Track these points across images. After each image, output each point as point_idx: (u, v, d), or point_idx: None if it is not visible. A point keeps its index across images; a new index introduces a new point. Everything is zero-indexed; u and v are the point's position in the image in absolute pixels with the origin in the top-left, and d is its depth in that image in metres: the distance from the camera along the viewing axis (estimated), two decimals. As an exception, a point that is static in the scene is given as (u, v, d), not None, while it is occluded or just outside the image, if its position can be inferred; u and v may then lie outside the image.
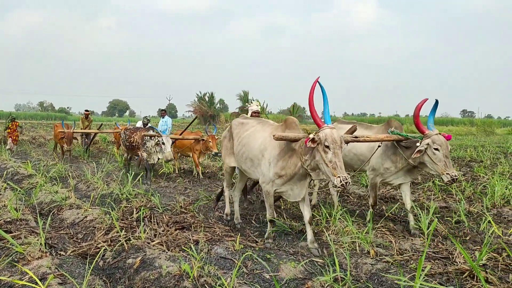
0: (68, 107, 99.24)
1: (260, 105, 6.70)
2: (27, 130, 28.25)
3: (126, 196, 6.88)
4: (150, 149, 9.02)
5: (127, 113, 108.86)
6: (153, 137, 8.96)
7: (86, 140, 14.61)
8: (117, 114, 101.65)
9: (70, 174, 8.62)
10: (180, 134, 9.83)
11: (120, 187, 7.41)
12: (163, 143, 8.71)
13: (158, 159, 9.14)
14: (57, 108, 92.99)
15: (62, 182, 8.32)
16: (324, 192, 7.94)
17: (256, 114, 6.85)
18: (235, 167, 5.59)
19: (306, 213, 4.69)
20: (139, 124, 11.87)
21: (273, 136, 4.26)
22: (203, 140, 9.50)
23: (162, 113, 13.32)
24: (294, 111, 49.38)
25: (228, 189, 5.96)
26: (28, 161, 10.49)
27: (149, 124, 11.70)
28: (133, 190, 7.22)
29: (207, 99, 55.01)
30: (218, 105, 57.57)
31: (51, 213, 5.97)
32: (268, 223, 4.83)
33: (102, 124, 16.72)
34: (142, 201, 6.40)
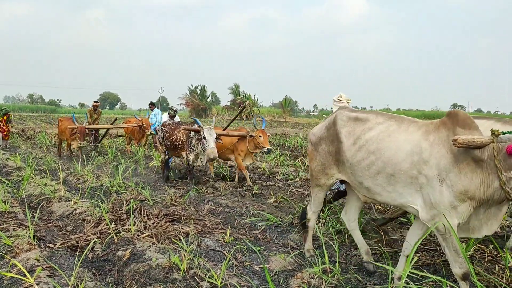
0: (58, 100, 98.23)
1: (350, 101, 5.03)
2: (16, 122, 27.94)
3: (116, 188, 6.86)
4: (197, 148, 7.35)
5: (118, 105, 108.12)
6: (197, 133, 7.22)
7: (95, 135, 12.81)
8: (108, 107, 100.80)
9: (59, 166, 8.54)
10: (224, 130, 8.21)
11: (110, 180, 7.38)
12: (205, 138, 6.96)
13: (205, 160, 7.33)
14: (46, 100, 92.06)
15: (51, 174, 8.25)
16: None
17: None
18: (333, 183, 4.00)
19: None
20: (165, 116, 10.09)
21: (454, 141, 2.87)
22: (251, 136, 7.80)
23: (151, 106, 13.11)
24: (285, 104, 49.49)
25: (315, 216, 4.24)
26: (17, 154, 10.38)
27: (176, 117, 9.97)
28: (123, 182, 7.20)
29: (198, 92, 54.90)
30: (209, 98, 57.53)
31: (40, 206, 5.92)
32: (461, 283, 3.12)
33: (116, 118, 14.54)
34: (132, 194, 6.38)
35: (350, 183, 3.76)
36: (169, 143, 7.87)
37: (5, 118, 14.19)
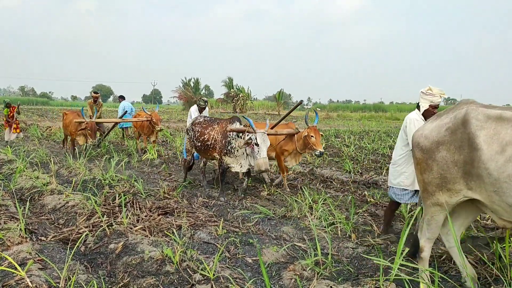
0: (50, 92, 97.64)
1: (444, 95, 4.25)
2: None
3: (109, 181, 6.83)
4: (237, 151, 6.12)
5: (111, 98, 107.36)
6: (241, 134, 6.04)
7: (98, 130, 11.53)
8: (100, 100, 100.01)
9: (51, 159, 8.48)
10: (272, 128, 6.70)
11: (102, 173, 7.34)
12: (256, 144, 5.71)
13: (250, 165, 6.17)
14: (38, 93, 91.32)
15: (43, 167, 8.20)
16: (308, 178, 7.99)
17: (435, 111, 4.29)
18: (458, 201, 3.06)
19: None
20: (194, 110, 8.33)
21: None
22: (298, 133, 6.59)
23: (120, 99, 12.73)
24: (279, 98, 49.44)
25: (430, 244, 3.32)
26: (8, 146, 10.29)
27: (206, 109, 8.48)
28: (116, 175, 7.16)
29: (192, 84, 54.60)
30: (203, 91, 57.26)
31: (31, 199, 5.89)
32: None
33: (126, 111, 12.46)
34: (125, 187, 6.36)
35: (490, 204, 2.87)
36: (200, 144, 6.60)
37: (10, 111, 13.67)
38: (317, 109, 8.47)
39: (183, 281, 3.38)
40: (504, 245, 3.53)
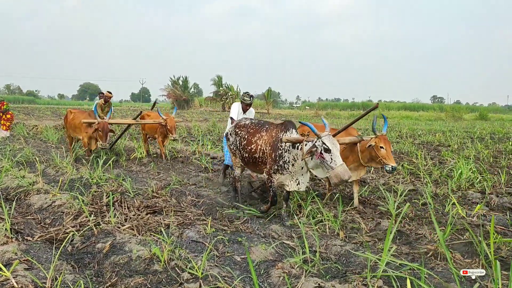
0: (36, 90, 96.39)
1: None
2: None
3: (97, 181, 6.77)
4: (292, 165, 4.82)
5: (98, 97, 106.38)
6: (298, 144, 4.67)
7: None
8: (88, 98, 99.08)
9: (37, 158, 8.37)
10: (334, 136, 5.12)
11: (90, 172, 7.27)
12: (326, 149, 4.33)
13: (312, 181, 4.70)
14: (24, 91, 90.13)
15: (29, 166, 8.09)
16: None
17: None
18: None
19: None
20: (235, 111, 6.83)
21: None
22: (361, 141, 5.41)
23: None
24: (268, 96, 49.54)
25: None
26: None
27: (251, 109, 6.93)
28: (103, 174, 7.10)
29: (181, 83, 54.40)
30: (192, 90, 57.07)
31: (17, 198, 5.81)
32: None
33: (141, 111, 10.23)
34: (113, 186, 6.30)
35: None
36: (247, 155, 5.29)
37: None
38: (383, 115, 5.83)
39: (171, 280, 3.38)
40: (489, 242, 3.59)
